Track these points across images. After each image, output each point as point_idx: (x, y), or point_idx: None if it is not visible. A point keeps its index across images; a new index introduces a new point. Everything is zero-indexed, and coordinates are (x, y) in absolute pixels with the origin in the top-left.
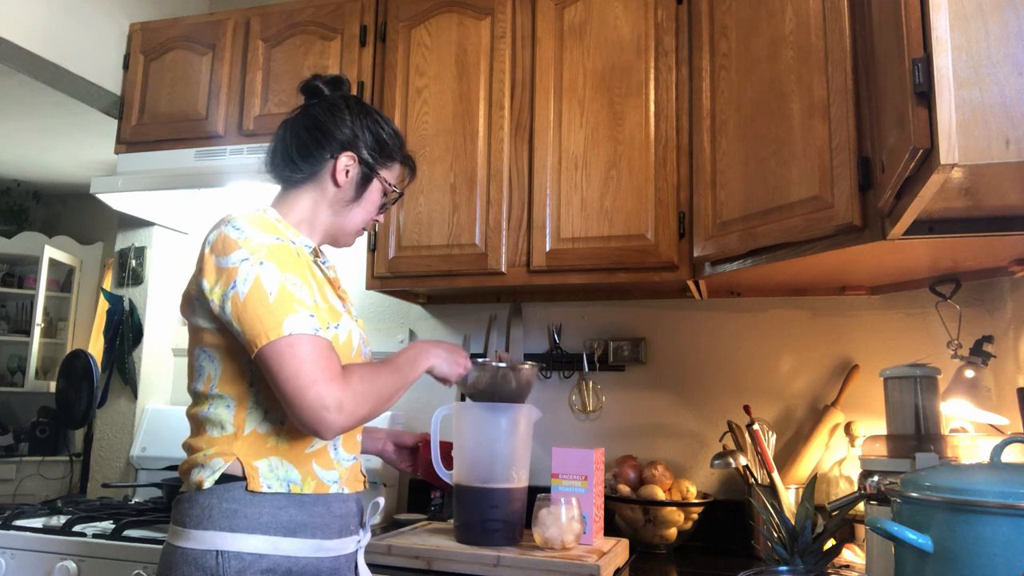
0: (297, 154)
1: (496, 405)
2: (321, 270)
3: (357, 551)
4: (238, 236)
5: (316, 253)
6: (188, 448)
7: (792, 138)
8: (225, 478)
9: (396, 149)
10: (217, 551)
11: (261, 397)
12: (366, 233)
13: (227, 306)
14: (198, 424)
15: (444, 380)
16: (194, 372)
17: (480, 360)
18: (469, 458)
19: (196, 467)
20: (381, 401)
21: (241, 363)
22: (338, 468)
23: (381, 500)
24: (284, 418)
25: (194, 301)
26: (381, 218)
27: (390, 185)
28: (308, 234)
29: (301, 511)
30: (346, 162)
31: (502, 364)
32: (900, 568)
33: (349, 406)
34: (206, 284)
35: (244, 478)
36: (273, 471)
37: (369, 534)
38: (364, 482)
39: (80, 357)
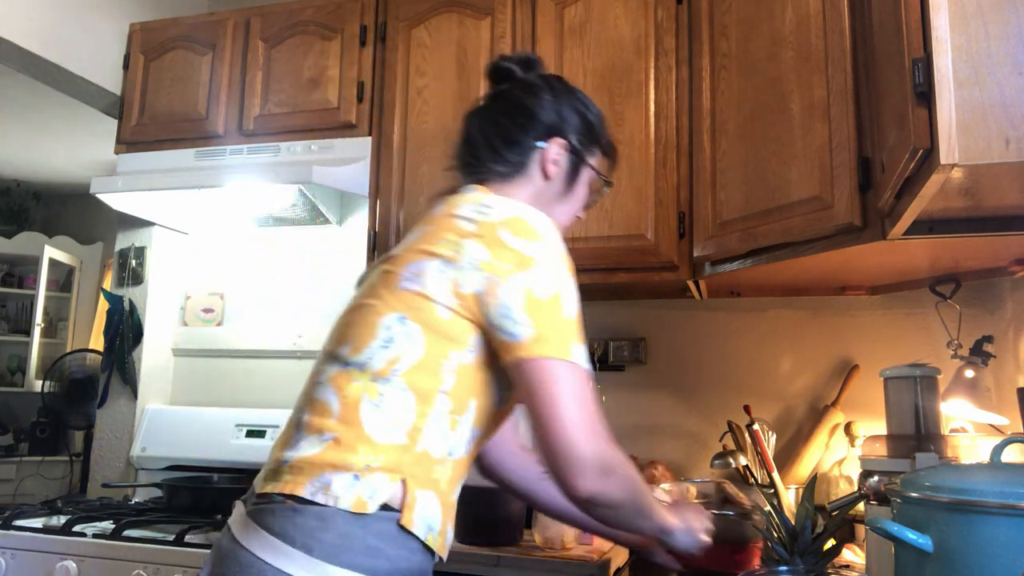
0: (502, 143)
1: None
2: None
3: None
4: (540, 228)
5: None
6: (326, 438)
7: (792, 138)
8: (385, 505)
9: (603, 133)
10: None
11: (446, 410)
12: (366, 232)
13: (512, 290)
14: (351, 408)
15: (677, 556)
16: (373, 339)
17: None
18: None
19: (345, 476)
20: (630, 503)
21: (444, 357)
22: (449, 529)
23: None
24: (459, 450)
25: (437, 266)
26: (584, 215)
27: (600, 175)
28: None
29: (424, 559)
30: (556, 151)
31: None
32: (900, 568)
33: (612, 483)
34: (486, 255)
35: (400, 508)
36: (426, 509)
37: None
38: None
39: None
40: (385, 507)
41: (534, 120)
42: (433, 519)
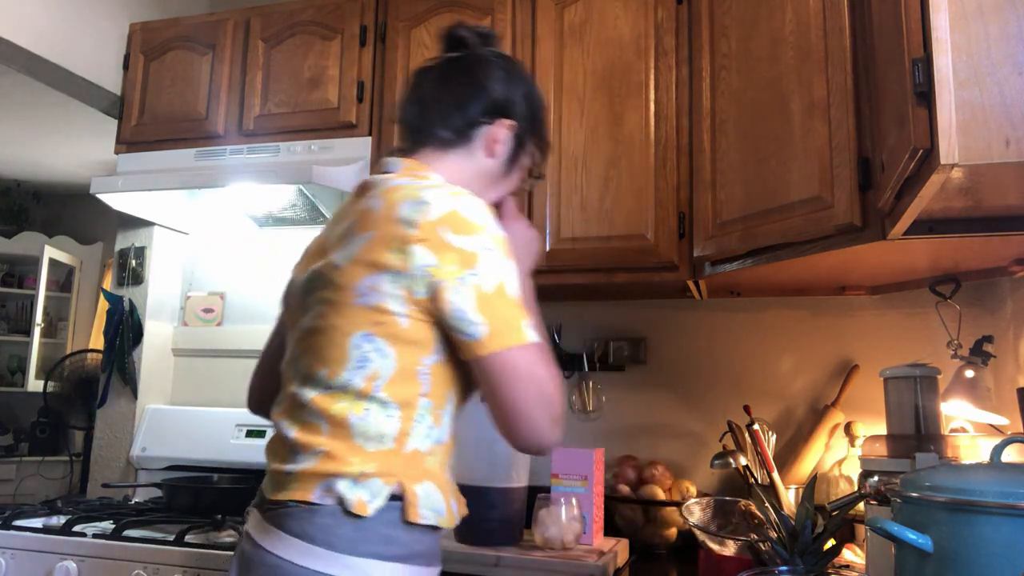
0: (453, 108)
1: None
2: None
3: None
4: (476, 218)
5: None
6: (319, 452)
7: (792, 138)
8: (386, 503)
9: (544, 126)
10: None
11: (428, 409)
12: None
13: (462, 292)
14: (339, 426)
15: None
16: (347, 361)
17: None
18: (469, 457)
19: (346, 481)
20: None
21: (417, 363)
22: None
23: None
24: (444, 437)
25: (389, 278)
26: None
27: (535, 163)
28: None
29: (435, 540)
30: (503, 132)
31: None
32: (900, 568)
33: (560, 432)
34: (434, 260)
35: (403, 505)
36: (428, 498)
37: None
38: None
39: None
40: (392, 499)
41: (485, 93)
42: (437, 503)
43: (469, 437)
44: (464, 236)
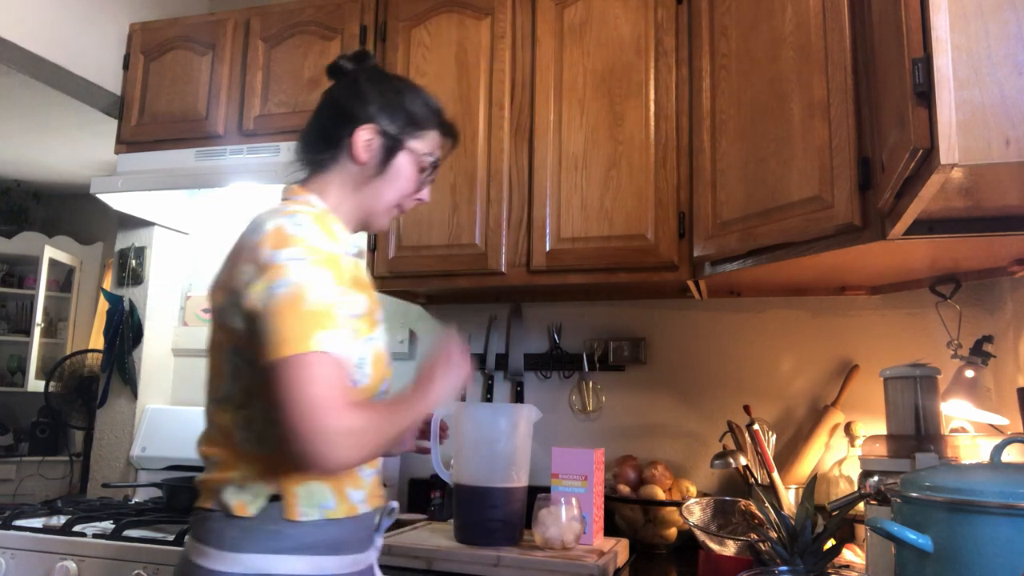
0: (319, 135)
1: (496, 405)
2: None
3: (374, 557)
4: (296, 232)
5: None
6: (215, 461)
7: (792, 138)
8: (264, 505)
9: (427, 117)
10: (259, 575)
11: None
12: (366, 234)
13: (261, 301)
14: (227, 436)
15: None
16: (225, 375)
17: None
18: (469, 457)
19: (231, 487)
20: (382, 447)
21: None
22: (364, 488)
23: (395, 504)
24: None
25: (231, 295)
26: (426, 195)
27: (423, 154)
28: (344, 223)
29: (340, 528)
30: (365, 136)
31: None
32: (900, 568)
33: (356, 451)
34: (252, 274)
35: (282, 504)
36: (311, 497)
37: (382, 539)
38: (383, 495)
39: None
40: (273, 499)
41: (343, 108)
42: (322, 499)
43: (469, 437)
44: (279, 250)
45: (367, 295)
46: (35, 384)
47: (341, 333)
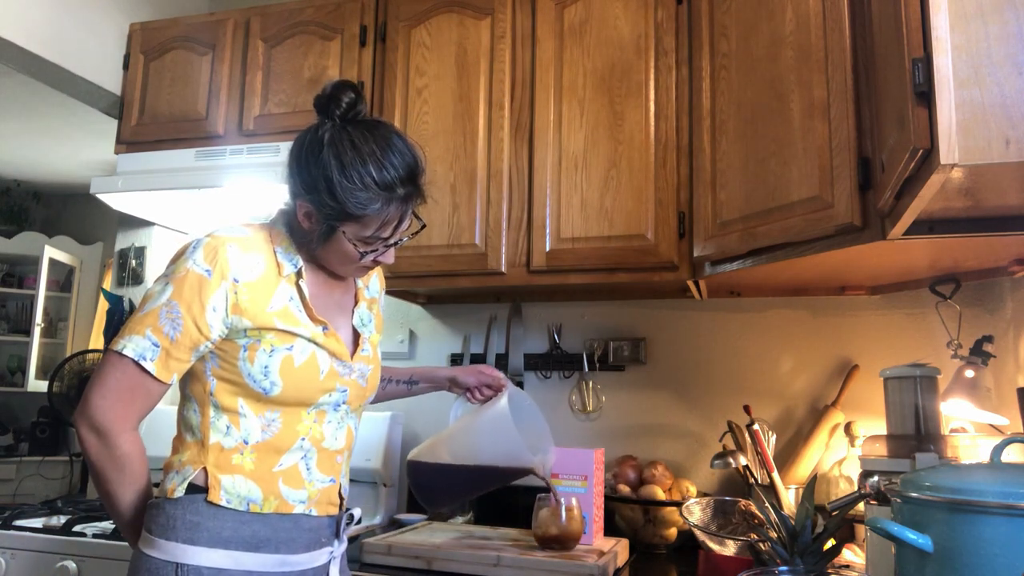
0: (285, 173)
1: (523, 427)
2: (300, 290)
3: (330, 562)
4: (184, 252)
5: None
6: (172, 448)
7: (792, 138)
8: (192, 488)
9: (368, 202)
10: (177, 564)
11: (221, 409)
12: None
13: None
14: (177, 424)
15: None
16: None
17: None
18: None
19: (171, 472)
20: (97, 475)
21: (203, 367)
22: (308, 488)
23: (357, 512)
24: (249, 437)
25: None
26: (388, 258)
27: (364, 237)
28: (297, 250)
29: (265, 526)
30: (304, 208)
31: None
32: (900, 568)
33: (93, 445)
34: None
35: (207, 489)
36: (235, 488)
37: (345, 544)
38: (340, 505)
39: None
40: (195, 490)
41: (296, 175)
42: (250, 493)
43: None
44: (168, 265)
45: (278, 315)
46: (35, 384)
47: (150, 341)
